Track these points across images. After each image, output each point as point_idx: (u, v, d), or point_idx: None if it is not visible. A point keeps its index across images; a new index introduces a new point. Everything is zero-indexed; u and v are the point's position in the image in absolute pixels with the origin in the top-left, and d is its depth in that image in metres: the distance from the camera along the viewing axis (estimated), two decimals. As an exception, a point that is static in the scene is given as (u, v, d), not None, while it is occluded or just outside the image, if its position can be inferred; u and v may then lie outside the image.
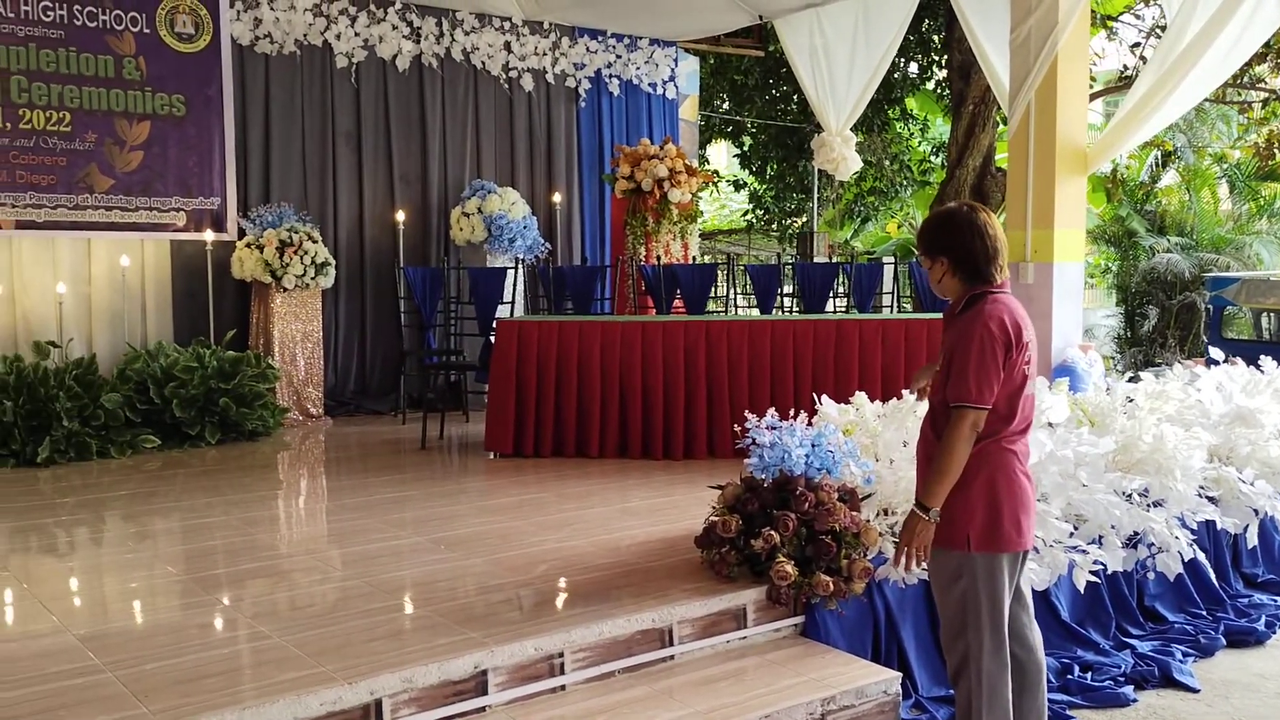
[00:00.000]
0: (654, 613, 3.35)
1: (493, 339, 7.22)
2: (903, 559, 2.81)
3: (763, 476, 3.79)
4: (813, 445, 3.77)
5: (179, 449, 6.71)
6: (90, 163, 7.17)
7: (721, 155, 18.09)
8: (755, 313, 7.83)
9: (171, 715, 2.55)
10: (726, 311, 8.06)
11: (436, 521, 4.69)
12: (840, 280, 8.29)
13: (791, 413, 3.96)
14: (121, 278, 7.36)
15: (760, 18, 9.09)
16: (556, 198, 9.27)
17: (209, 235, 7.58)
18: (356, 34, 8.22)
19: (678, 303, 7.63)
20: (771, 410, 3.91)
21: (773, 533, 3.60)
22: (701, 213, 8.97)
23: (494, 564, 3.94)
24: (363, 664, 2.89)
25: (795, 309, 8.38)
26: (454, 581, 3.74)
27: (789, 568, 3.55)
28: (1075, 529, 4.05)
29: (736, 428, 3.92)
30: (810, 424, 3.93)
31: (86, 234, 7.22)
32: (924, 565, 2.87)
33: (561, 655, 3.14)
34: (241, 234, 7.69)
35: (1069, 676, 3.85)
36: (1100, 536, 4.10)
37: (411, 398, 8.30)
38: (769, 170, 14.32)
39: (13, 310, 7.00)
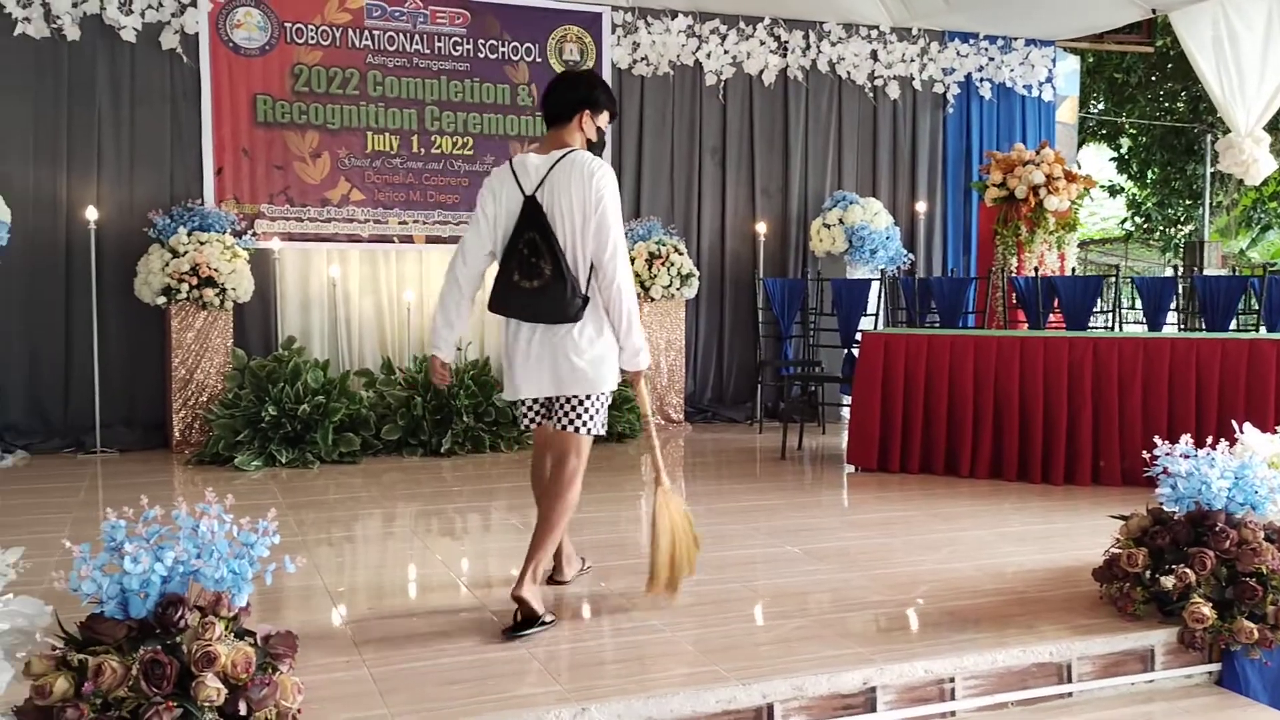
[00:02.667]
0: (1051, 645, 3.15)
1: (854, 351, 7.16)
2: None
3: (1174, 509, 3.46)
4: (1236, 477, 3.40)
5: (558, 446, 7.18)
6: (487, 182, 7.86)
7: (1092, 159, 16.89)
8: (1141, 329, 7.20)
9: (584, 694, 2.72)
10: (1113, 327, 7.47)
11: (805, 532, 4.69)
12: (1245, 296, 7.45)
13: (1209, 440, 3.59)
14: (510, 287, 7.99)
15: (1153, 11, 8.39)
16: (920, 207, 9.05)
17: (587, 247, 8.07)
18: (725, 51, 8.45)
19: (1054, 316, 7.18)
20: (1186, 437, 3.56)
21: (1187, 570, 3.28)
22: (1080, 221, 8.38)
23: (871, 580, 3.88)
24: (753, 667, 2.94)
25: (1188, 326, 7.64)
26: (832, 594, 3.72)
27: (1206, 610, 3.22)
28: None
29: (1145, 454, 3.60)
30: (1230, 453, 3.55)
31: (482, 247, 7.92)
32: None
33: (952, 680, 3.03)
34: (615, 246, 8.12)
35: None
36: None
37: (766, 407, 8.40)
38: (1150, 174, 13.19)
39: (422, 315, 7.82)
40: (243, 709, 2.34)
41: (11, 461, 6.52)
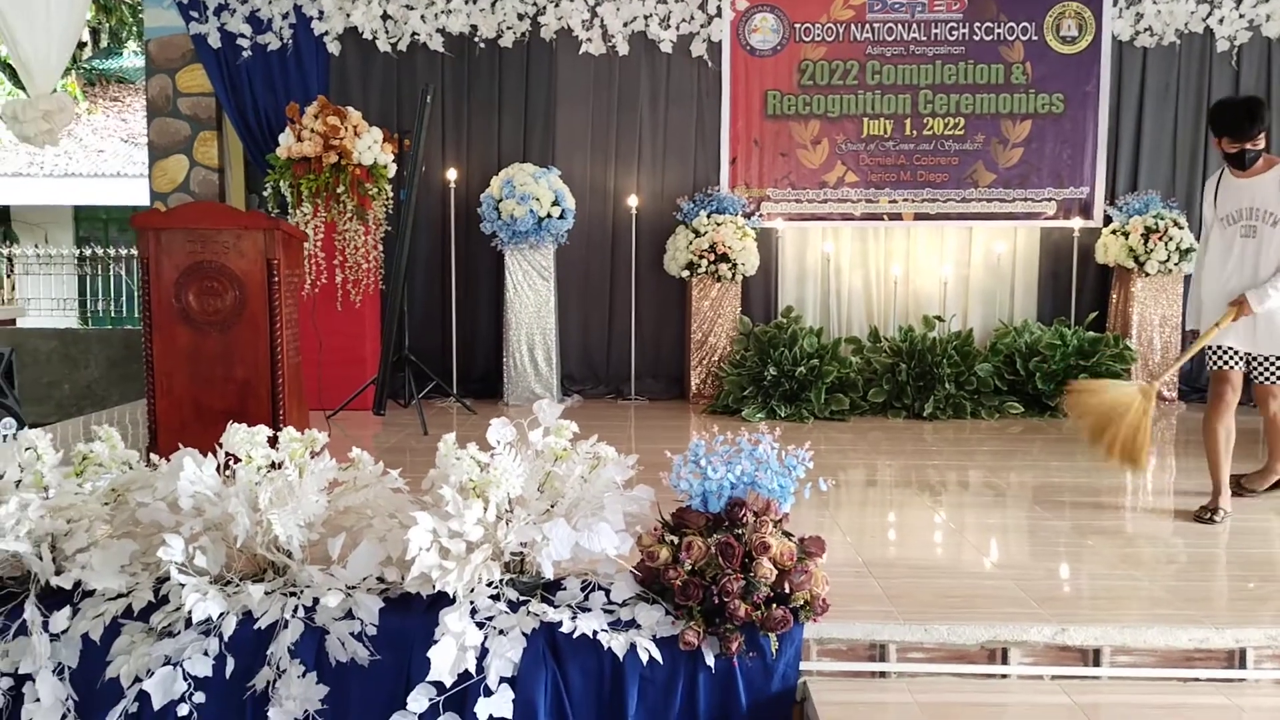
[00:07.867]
0: None
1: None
2: None
3: None
4: None
5: (1039, 417, 7.39)
6: (977, 161, 8.19)
7: None
8: None
9: (1063, 619, 3.16)
10: None
11: (1304, 514, 4.64)
12: None
13: None
14: (996, 262, 8.29)
15: None
16: None
17: (1076, 222, 8.12)
18: (1241, 15, 7.99)
19: None
20: None
21: None
22: None
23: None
24: (1227, 617, 3.18)
25: None
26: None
27: None
28: None
29: None
30: None
31: (969, 223, 8.27)
32: None
33: None
34: (1107, 221, 8.09)
35: None
36: None
37: (1276, 391, 7.89)
38: None
39: (907, 288, 8.35)
40: (786, 588, 3.09)
41: (569, 403, 8.05)
